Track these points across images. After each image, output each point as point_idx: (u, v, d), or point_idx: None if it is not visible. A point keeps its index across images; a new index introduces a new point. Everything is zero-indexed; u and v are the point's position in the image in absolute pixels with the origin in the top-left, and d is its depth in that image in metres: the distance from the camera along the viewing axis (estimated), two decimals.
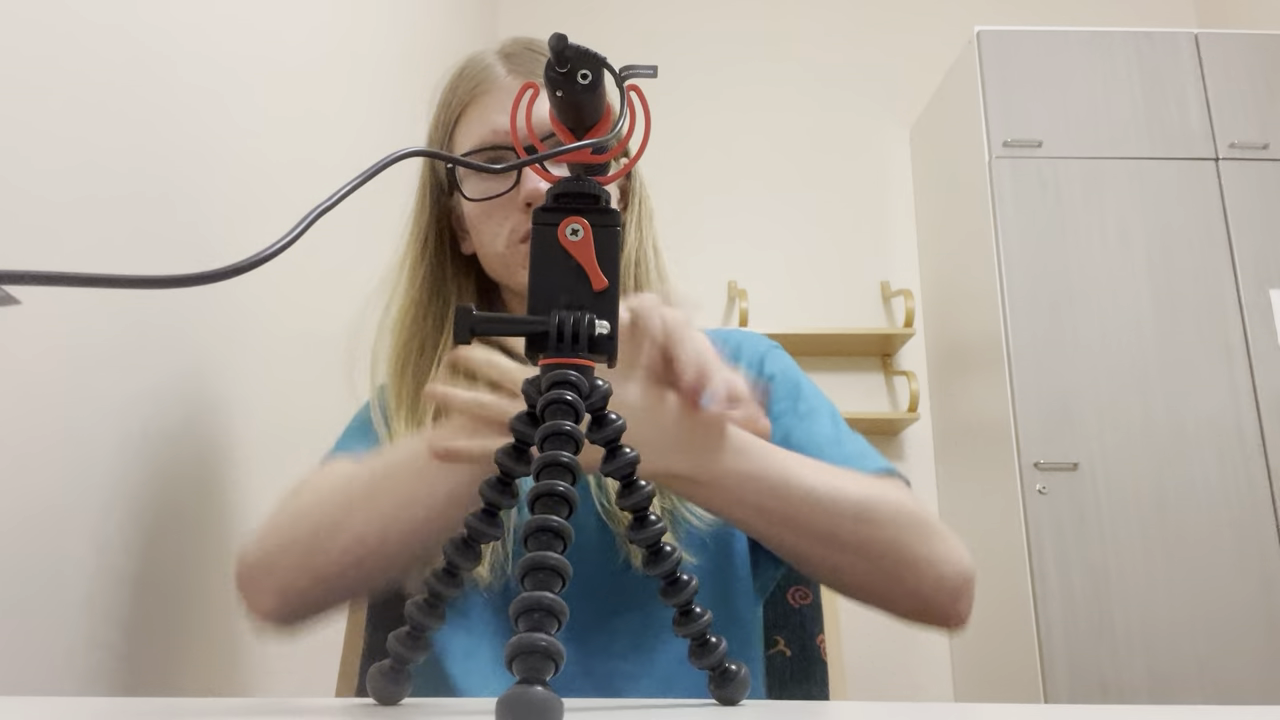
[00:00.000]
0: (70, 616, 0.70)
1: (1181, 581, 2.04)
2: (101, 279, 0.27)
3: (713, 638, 0.50)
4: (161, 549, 0.82)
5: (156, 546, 0.81)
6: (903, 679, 2.53)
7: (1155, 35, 2.39)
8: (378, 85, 1.56)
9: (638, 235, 0.82)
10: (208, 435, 0.91)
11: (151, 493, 0.80)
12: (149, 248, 0.81)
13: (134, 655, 0.77)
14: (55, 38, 0.69)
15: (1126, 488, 2.09)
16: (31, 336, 0.66)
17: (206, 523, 0.90)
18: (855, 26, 3.07)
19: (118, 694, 0.74)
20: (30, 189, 0.66)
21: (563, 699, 0.35)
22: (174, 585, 0.84)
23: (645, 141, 0.59)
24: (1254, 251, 2.24)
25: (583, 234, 0.48)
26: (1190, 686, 1.97)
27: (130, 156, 0.78)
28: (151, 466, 0.80)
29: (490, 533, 0.48)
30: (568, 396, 0.44)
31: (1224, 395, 2.14)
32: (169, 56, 0.85)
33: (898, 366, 2.79)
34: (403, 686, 0.50)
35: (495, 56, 0.79)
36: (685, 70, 2.94)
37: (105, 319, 0.75)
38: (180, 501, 0.85)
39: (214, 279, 0.30)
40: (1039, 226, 2.28)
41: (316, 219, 0.36)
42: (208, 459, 0.91)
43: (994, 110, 2.36)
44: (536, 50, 0.80)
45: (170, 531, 0.83)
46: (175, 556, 0.84)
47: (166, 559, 0.82)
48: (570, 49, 0.46)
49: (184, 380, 0.86)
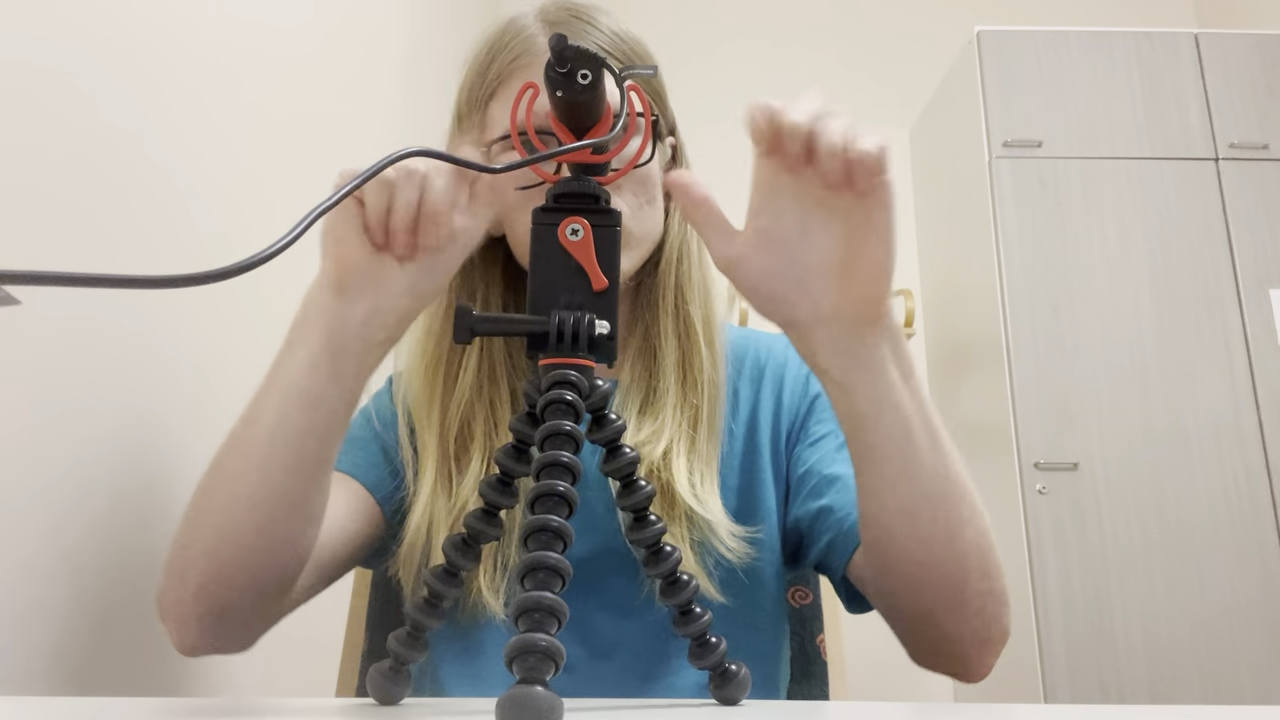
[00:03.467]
0: (70, 616, 0.69)
1: (1181, 582, 2.04)
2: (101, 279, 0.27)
3: (713, 638, 0.50)
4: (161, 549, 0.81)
5: (156, 547, 0.81)
6: (903, 679, 2.52)
7: (1155, 35, 2.39)
8: (378, 83, 1.56)
9: (681, 229, 0.77)
10: (208, 435, 0.91)
11: (152, 493, 0.80)
12: (149, 248, 0.81)
13: (133, 655, 0.77)
14: (55, 38, 0.69)
15: (1126, 488, 2.09)
16: (31, 336, 0.66)
17: None
18: (855, 26, 3.07)
19: (118, 694, 0.74)
20: (30, 189, 0.66)
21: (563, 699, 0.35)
22: None
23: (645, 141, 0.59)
24: (1254, 251, 2.23)
25: (583, 234, 0.48)
26: (1190, 686, 1.96)
27: (130, 156, 0.78)
28: (152, 467, 0.80)
29: (490, 532, 0.48)
30: (568, 396, 0.44)
31: (1224, 395, 2.14)
32: (167, 56, 0.85)
33: None
34: (403, 686, 0.50)
35: (537, 24, 0.73)
36: (684, 70, 2.94)
37: (105, 319, 0.75)
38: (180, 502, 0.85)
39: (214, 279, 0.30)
40: (1039, 226, 2.28)
41: (316, 219, 0.36)
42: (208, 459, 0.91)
43: (994, 110, 2.36)
44: (582, 17, 0.74)
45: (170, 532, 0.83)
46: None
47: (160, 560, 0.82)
48: (570, 49, 0.46)
49: (184, 380, 0.86)
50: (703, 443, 0.71)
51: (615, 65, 0.53)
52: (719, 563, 0.68)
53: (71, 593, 0.70)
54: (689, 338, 0.74)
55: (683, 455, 0.69)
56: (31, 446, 0.66)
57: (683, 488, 0.67)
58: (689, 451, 0.70)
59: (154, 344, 0.82)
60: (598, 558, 0.69)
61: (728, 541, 0.67)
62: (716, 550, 0.67)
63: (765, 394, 0.78)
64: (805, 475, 0.73)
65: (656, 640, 0.69)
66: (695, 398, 0.72)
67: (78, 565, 0.70)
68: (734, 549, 0.68)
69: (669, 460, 0.68)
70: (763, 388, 0.79)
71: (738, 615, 0.69)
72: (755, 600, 0.72)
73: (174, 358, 0.85)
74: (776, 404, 0.78)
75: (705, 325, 0.75)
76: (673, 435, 0.70)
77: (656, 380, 0.73)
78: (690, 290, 0.75)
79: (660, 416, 0.71)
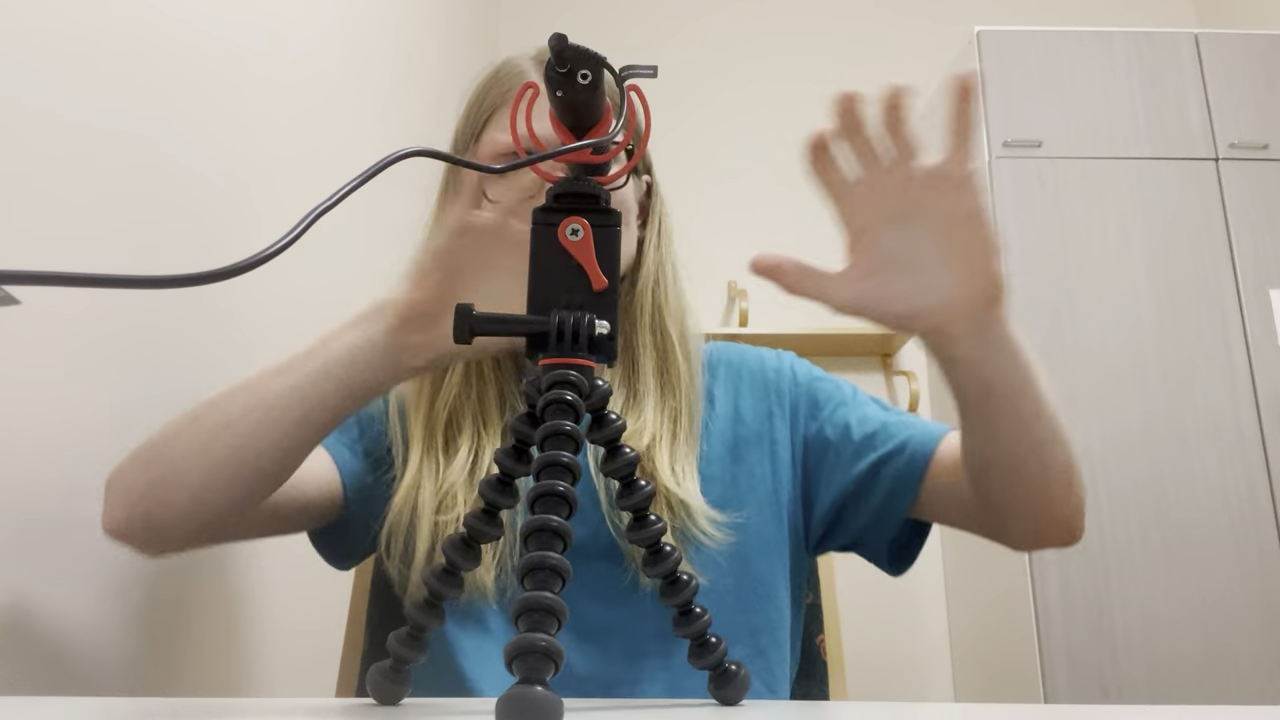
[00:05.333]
0: (70, 616, 0.69)
1: (1181, 582, 2.04)
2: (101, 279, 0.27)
3: (712, 638, 0.50)
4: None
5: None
6: (903, 679, 2.53)
7: (1155, 35, 2.39)
8: (378, 84, 1.56)
9: (657, 255, 0.82)
10: None
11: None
12: (149, 248, 0.81)
13: (134, 655, 0.77)
14: (56, 39, 0.69)
15: (1126, 488, 2.09)
16: (31, 336, 0.66)
17: None
18: (855, 26, 3.07)
19: (118, 694, 0.74)
20: (30, 189, 0.66)
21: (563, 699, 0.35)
22: (173, 585, 0.84)
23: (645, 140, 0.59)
24: (1254, 251, 2.23)
25: (583, 234, 0.48)
26: (1190, 686, 1.96)
27: (130, 157, 0.78)
28: None
29: (490, 532, 0.48)
30: (568, 396, 0.44)
31: (1224, 395, 2.14)
32: (168, 56, 0.85)
33: (898, 367, 2.79)
34: (403, 686, 0.50)
35: (531, 63, 0.78)
36: (684, 70, 2.94)
37: (105, 319, 0.75)
38: None
39: (214, 279, 0.30)
40: (1039, 226, 2.27)
41: (316, 219, 0.36)
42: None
43: (994, 110, 2.36)
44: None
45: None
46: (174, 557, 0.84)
47: (165, 559, 0.82)
48: (570, 49, 0.46)
49: (184, 380, 0.86)
50: (682, 440, 0.76)
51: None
52: (700, 548, 0.72)
53: (70, 593, 0.70)
54: (666, 350, 0.79)
55: (665, 449, 0.74)
56: (31, 446, 0.66)
57: (665, 477, 0.72)
58: (670, 446, 0.74)
59: (154, 344, 0.82)
60: (582, 545, 0.72)
61: (704, 527, 0.71)
62: (698, 540, 0.72)
63: (744, 391, 0.83)
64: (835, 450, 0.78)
65: (642, 624, 0.72)
66: (674, 401, 0.77)
67: (77, 565, 0.70)
68: (711, 534, 0.72)
69: (652, 452, 0.73)
70: (741, 387, 0.83)
71: (726, 597, 0.73)
72: (745, 581, 0.75)
73: (174, 358, 0.85)
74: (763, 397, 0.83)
75: (682, 340, 0.80)
76: (655, 431, 0.74)
77: (637, 384, 0.78)
78: (667, 309, 0.81)
79: (642, 415, 0.75)
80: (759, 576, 0.76)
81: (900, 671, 2.52)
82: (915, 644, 2.54)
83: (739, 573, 0.75)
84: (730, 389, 0.83)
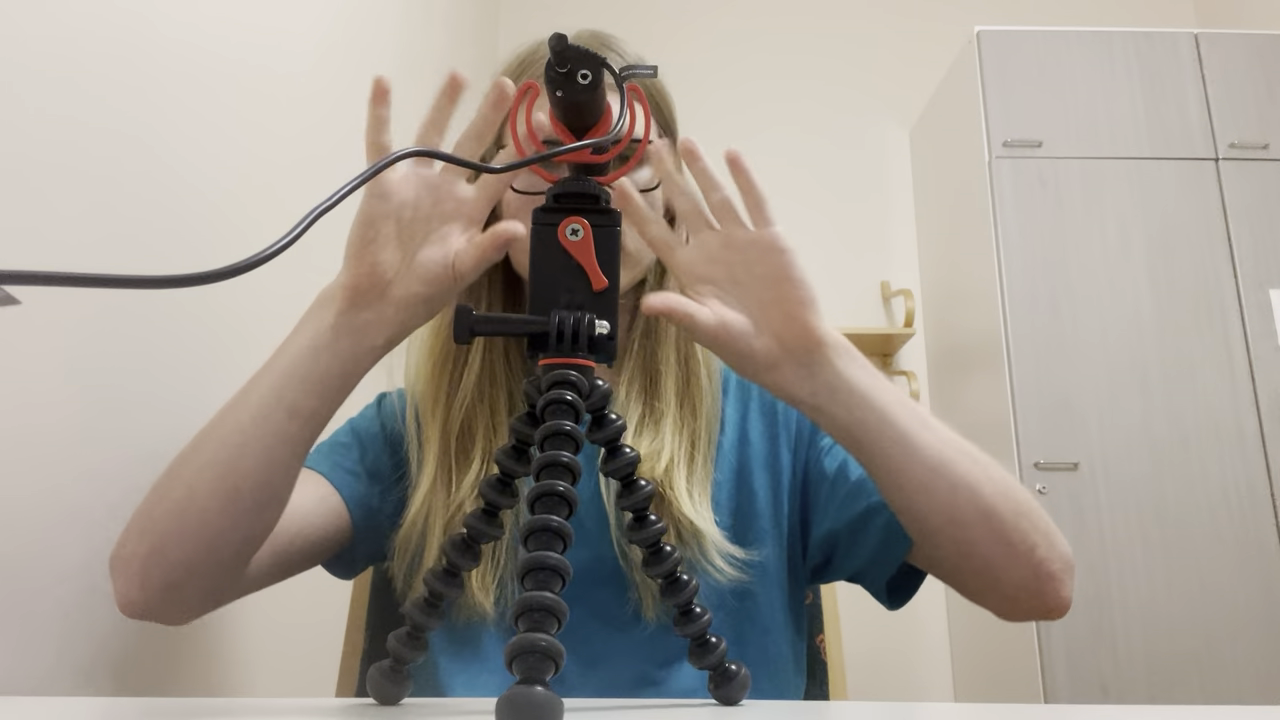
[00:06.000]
0: (70, 617, 0.69)
1: (1181, 582, 2.04)
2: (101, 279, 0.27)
3: (712, 637, 0.50)
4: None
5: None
6: (903, 679, 2.53)
7: (1155, 35, 2.39)
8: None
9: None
10: None
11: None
12: (149, 248, 0.81)
13: (134, 655, 0.77)
14: (56, 40, 0.69)
15: (1126, 488, 2.09)
16: (31, 336, 0.66)
17: None
18: (855, 26, 3.07)
19: (117, 694, 0.74)
20: (30, 189, 0.66)
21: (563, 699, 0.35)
22: None
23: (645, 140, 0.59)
24: (1254, 251, 2.23)
25: (583, 234, 0.48)
26: (1190, 686, 1.96)
27: (130, 157, 0.78)
28: (152, 467, 0.80)
29: (490, 533, 0.48)
30: (568, 396, 0.44)
31: (1224, 395, 2.14)
32: (168, 56, 0.85)
33: (898, 366, 2.79)
34: (403, 686, 0.50)
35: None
36: (684, 70, 2.94)
37: (105, 319, 0.75)
38: None
39: (214, 279, 0.30)
40: (1039, 226, 2.27)
41: (316, 219, 0.36)
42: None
43: (994, 110, 2.36)
44: (605, 43, 0.77)
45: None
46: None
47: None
48: (570, 49, 0.46)
49: (184, 381, 0.86)
50: (700, 465, 0.74)
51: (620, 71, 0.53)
52: (708, 584, 0.70)
53: (70, 593, 0.70)
54: (691, 369, 0.77)
55: (682, 474, 0.72)
56: (31, 446, 0.66)
57: (684, 505, 0.70)
58: (688, 471, 0.73)
59: (154, 344, 0.82)
60: (588, 570, 0.70)
61: (716, 561, 0.70)
62: (706, 569, 0.70)
63: (753, 413, 0.81)
64: (830, 486, 0.76)
65: (644, 651, 0.71)
66: (694, 423, 0.75)
67: (77, 565, 0.70)
68: (723, 570, 0.70)
69: (670, 476, 0.71)
70: (750, 408, 0.81)
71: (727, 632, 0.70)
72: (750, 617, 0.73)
73: (174, 358, 0.85)
74: (770, 420, 0.80)
75: (707, 359, 0.79)
76: (673, 454, 0.72)
77: (656, 400, 0.76)
78: None
79: (660, 435, 0.73)
80: (759, 610, 0.74)
81: (900, 671, 2.52)
82: (915, 644, 2.54)
83: (738, 608, 0.73)
84: (739, 409, 0.81)
